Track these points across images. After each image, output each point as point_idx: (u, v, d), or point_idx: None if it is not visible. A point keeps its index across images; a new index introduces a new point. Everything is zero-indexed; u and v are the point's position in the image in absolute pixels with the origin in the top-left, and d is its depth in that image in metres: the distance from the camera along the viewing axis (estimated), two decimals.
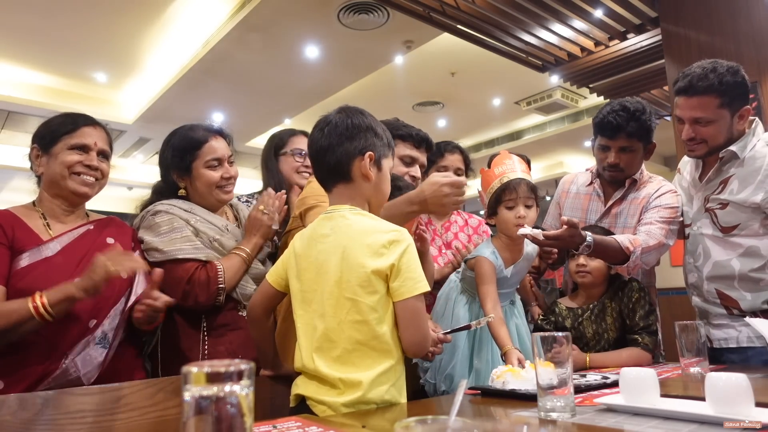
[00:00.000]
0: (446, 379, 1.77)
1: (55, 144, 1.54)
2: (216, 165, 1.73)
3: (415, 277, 1.23)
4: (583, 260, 1.87)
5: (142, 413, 1.34)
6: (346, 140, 1.31)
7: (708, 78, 1.73)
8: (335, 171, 1.33)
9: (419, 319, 1.25)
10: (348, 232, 1.27)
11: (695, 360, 1.53)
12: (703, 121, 1.79)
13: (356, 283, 1.23)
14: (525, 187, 1.75)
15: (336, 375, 1.22)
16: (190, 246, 1.64)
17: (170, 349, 1.66)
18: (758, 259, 1.77)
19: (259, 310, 1.45)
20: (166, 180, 1.79)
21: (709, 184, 1.89)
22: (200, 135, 1.73)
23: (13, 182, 9.71)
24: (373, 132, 1.34)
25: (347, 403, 1.21)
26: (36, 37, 5.78)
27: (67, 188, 1.54)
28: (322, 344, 1.25)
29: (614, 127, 1.92)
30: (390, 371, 1.25)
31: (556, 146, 9.72)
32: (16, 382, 1.35)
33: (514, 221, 1.74)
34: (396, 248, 1.23)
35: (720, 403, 0.95)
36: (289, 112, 7.50)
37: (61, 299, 1.33)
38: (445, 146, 2.29)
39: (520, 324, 1.86)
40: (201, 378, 0.50)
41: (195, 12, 5.50)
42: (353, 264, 1.24)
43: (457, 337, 1.79)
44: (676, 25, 3.91)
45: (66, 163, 1.52)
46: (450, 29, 4.55)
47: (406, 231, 1.28)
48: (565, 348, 1.06)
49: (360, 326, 1.23)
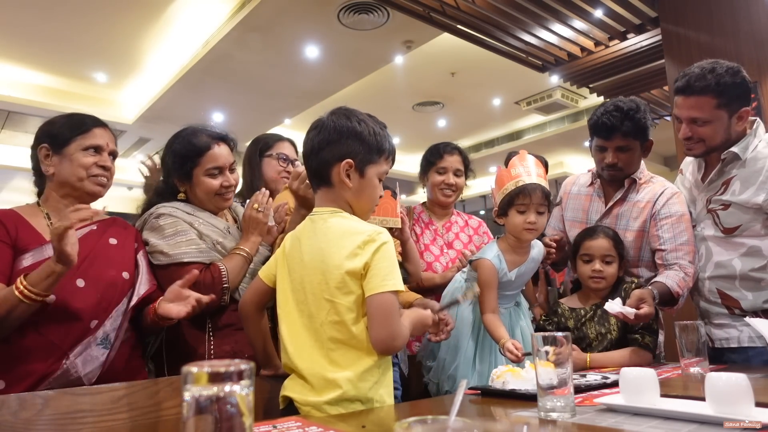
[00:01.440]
0: (449, 380, 1.77)
1: (68, 144, 1.54)
2: (216, 173, 1.72)
3: (384, 275, 1.24)
4: (600, 266, 1.85)
5: (142, 413, 1.34)
6: (327, 145, 1.33)
7: (705, 78, 1.74)
8: (317, 175, 1.36)
9: (387, 317, 1.23)
10: (327, 235, 1.30)
11: (695, 360, 1.53)
12: (699, 121, 1.79)
13: (333, 284, 1.26)
14: (540, 194, 1.75)
15: (318, 373, 1.25)
16: (194, 249, 1.64)
17: (175, 350, 1.65)
18: (760, 259, 1.77)
19: (251, 307, 1.47)
20: (167, 182, 1.79)
21: (711, 185, 1.89)
22: (203, 142, 1.71)
23: (13, 182, 9.72)
24: (357, 137, 1.33)
25: (330, 401, 1.23)
26: (36, 37, 5.78)
27: (83, 189, 1.55)
28: (305, 343, 1.28)
29: (609, 127, 1.93)
30: (373, 369, 1.26)
31: (556, 146, 9.71)
32: (16, 382, 1.35)
33: (524, 226, 1.74)
34: (369, 247, 1.25)
35: (720, 403, 0.95)
36: (289, 112, 7.50)
37: (42, 277, 1.31)
38: (444, 147, 2.30)
39: (525, 326, 1.87)
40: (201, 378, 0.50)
41: (195, 12, 5.50)
42: (330, 266, 1.27)
43: (461, 339, 1.79)
44: (676, 25, 3.91)
45: (84, 164, 1.54)
46: (450, 29, 4.55)
47: (385, 232, 1.30)
48: (565, 348, 1.06)
49: (339, 326, 1.25)
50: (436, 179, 2.27)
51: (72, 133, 1.56)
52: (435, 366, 1.84)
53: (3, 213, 1.49)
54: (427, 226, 2.32)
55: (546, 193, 1.77)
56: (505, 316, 1.88)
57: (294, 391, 1.29)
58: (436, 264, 2.23)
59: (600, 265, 1.86)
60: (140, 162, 2.55)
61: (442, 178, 2.26)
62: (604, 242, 1.88)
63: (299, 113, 7.45)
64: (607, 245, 1.87)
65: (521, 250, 1.83)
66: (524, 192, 1.74)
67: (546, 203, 1.77)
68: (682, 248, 1.89)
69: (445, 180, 2.26)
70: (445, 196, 2.28)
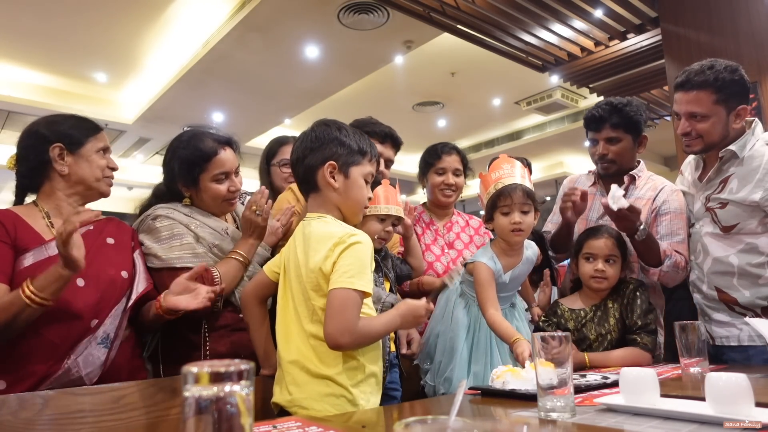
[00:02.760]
0: (445, 382, 1.77)
1: (83, 145, 1.56)
2: (223, 178, 1.72)
3: (347, 272, 1.27)
4: (602, 266, 1.85)
5: (142, 413, 1.35)
6: (310, 152, 1.42)
7: (704, 74, 1.77)
8: (305, 182, 1.44)
9: (341, 312, 1.25)
10: (309, 239, 1.37)
11: (695, 360, 1.53)
12: (698, 116, 1.81)
13: (310, 286, 1.33)
14: (520, 193, 1.73)
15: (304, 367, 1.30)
16: (189, 254, 1.63)
17: (172, 350, 1.65)
18: (756, 256, 1.79)
19: (251, 297, 1.53)
20: (169, 186, 1.78)
21: (709, 184, 1.91)
22: (209, 147, 1.70)
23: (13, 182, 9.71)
24: (337, 142, 1.41)
25: (315, 396, 1.28)
26: (36, 37, 5.79)
27: (98, 189, 1.59)
28: (293, 339, 1.35)
29: (597, 119, 2.03)
30: (357, 368, 1.31)
31: (556, 146, 9.72)
32: (18, 382, 1.35)
33: (510, 227, 1.73)
34: (338, 248, 1.30)
35: (720, 403, 0.95)
36: (289, 112, 7.50)
37: (49, 281, 1.32)
38: (442, 148, 2.30)
39: (520, 326, 1.87)
40: (201, 378, 0.50)
41: (195, 12, 5.50)
42: (307, 269, 1.33)
43: (456, 341, 1.79)
44: (676, 25, 3.91)
45: (101, 166, 1.58)
46: (450, 29, 4.55)
47: (360, 234, 1.34)
48: (565, 348, 1.06)
49: (320, 326, 1.30)
50: (435, 180, 2.28)
51: (87, 134, 1.58)
52: (431, 369, 1.85)
53: (1, 213, 1.49)
54: (428, 226, 2.33)
55: (527, 191, 1.74)
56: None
57: (281, 396, 1.34)
58: (437, 264, 2.23)
59: (603, 265, 1.85)
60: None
61: (441, 178, 2.27)
62: (608, 242, 1.88)
63: (299, 113, 7.45)
64: (611, 245, 1.87)
65: (513, 252, 1.83)
66: (504, 193, 1.73)
67: (529, 202, 1.74)
68: (679, 246, 1.94)
69: (444, 180, 2.26)
70: (445, 197, 2.28)
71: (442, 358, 1.81)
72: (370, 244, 1.35)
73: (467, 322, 1.83)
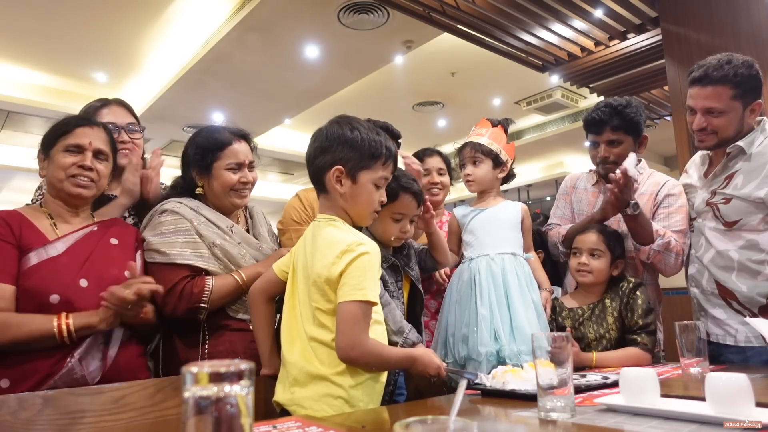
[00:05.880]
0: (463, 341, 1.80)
1: (53, 146, 1.55)
2: (236, 168, 1.72)
3: (355, 284, 1.26)
4: (585, 259, 1.88)
5: (142, 413, 1.34)
6: (321, 153, 1.38)
7: (723, 68, 1.77)
8: (316, 181, 1.43)
9: (351, 326, 1.25)
10: (318, 243, 1.36)
11: (695, 360, 1.53)
12: (715, 111, 1.81)
13: (315, 291, 1.33)
14: (468, 149, 2.02)
15: (304, 368, 1.30)
16: (190, 252, 1.62)
17: (171, 349, 1.65)
18: (757, 252, 1.78)
19: (259, 294, 1.52)
20: (185, 176, 1.79)
21: (714, 179, 1.92)
22: (225, 137, 1.73)
23: (13, 182, 9.72)
24: (348, 144, 1.35)
25: (314, 397, 1.28)
26: (36, 37, 5.79)
27: (63, 190, 1.53)
28: (295, 338, 1.35)
29: (598, 122, 2.03)
30: (356, 372, 1.30)
31: (556, 146, 9.72)
32: (21, 381, 1.35)
33: (464, 178, 2.05)
34: (346, 257, 1.28)
35: (720, 403, 0.95)
36: (289, 112, 7.50)
37: (84, 325, 1.38)
38: (424, 152, 2.43)
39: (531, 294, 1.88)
40: (201, 378, 0.50)
41: (195, 12, 5.50)
42: (314, 273, 1.33)
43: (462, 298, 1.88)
44: (676, 25, 3.91)
45: (62, 165, 1.52)
46: (450, 29, 4.55)
47: (368, 243, 1.33)
48: (565, 348, 1.06)
49: (321, 329, 1.31)
50: (422, 182, 2.30)
51: (56, 134, 1.56)
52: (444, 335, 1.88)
53: (7, 213, 1.49)
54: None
55: (473, 146, 2.00)
56: (497, 261, 1.88)
57: (282, 394, 1.35)
58: None
59: (586, 258, 1.88)
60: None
61: (426, 179, 2.34)
62: (592, 236, 1.91)
63: (299, 113, 7.45)
64: (595, 239, 1.89)
65: (482, 202, 2.05)
66: (460, 150, 2.06)
67: (479, 154, 1.99)
68: (676, 233, 1.95)
69: (429, 180, 2.36)
70: (432, 195, 2.34)
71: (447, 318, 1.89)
72: (378, 253, 1.34)
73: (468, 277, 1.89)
